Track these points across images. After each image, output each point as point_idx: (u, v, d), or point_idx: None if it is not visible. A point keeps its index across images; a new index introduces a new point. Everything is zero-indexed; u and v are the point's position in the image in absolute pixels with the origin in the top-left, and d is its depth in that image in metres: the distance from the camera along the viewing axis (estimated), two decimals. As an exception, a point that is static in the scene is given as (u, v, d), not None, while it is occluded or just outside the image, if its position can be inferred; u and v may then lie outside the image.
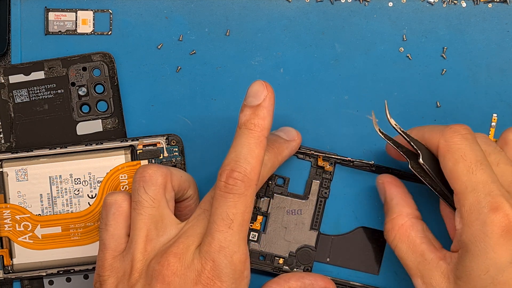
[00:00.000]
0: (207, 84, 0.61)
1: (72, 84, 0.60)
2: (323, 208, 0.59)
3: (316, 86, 0.60)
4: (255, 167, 0.50)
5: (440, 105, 0.60)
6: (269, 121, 0.52)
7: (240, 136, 0.51)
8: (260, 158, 0.51)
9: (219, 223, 0.50)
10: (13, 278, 0.60)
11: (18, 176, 0.59)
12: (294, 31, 0.61)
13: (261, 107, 0.52)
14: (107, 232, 0.53)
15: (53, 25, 0.61)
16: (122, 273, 0.52)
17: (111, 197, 0.54)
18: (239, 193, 0.50)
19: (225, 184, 0.50)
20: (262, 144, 0.51)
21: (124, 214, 0.53)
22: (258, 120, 0.51)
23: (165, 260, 0.50)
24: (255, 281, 0.59)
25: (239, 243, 0.50)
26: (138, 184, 0.53)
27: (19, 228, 0.59)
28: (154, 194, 0.52)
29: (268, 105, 0.52)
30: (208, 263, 0.50)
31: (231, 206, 0.50)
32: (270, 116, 0.52)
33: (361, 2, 0.60)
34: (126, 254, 0.52)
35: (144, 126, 0.61)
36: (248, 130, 0.51)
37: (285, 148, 0.57)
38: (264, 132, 0.51)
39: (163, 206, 0.53)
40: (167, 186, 0.53)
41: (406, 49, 0.60)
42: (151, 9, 0.61)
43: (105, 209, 0.53)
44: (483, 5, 0.60)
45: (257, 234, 0.59)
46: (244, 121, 0.52)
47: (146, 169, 0.53)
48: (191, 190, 0.56)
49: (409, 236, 0.54)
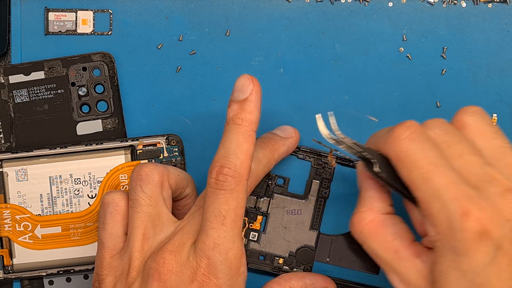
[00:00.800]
0: (207, 84, 0.61)
1: (72, 84, 0.60)
2: (323, 208, 0.59)
3: (316, 86, 0.60)
4: (245, 162, 0.50)
5: (440, 105, 0.60)
6: (256, 115, 0.51)
7: (228, 131, 0.51)
8: (249, 153, 0.51)
9: (212, 220, 0.50)
10: (13, 278, 0.60)
11: (18, 176, 0.59)
12: (294, 31, 0.61)
13: (248, 101, 0.51)
14: (105, 231, 0.53)
15: (53, 25, 0.61)
16: (120, 272, 0.52)
17: (109, 196, 0.54)
18: (230, 189, 0.50)
19: (215, 181, 0.50)
20: (251, 139, 0.51)
21: (122, 213, 0.53)
22: (245, 115, 0.51)
23: (161, 257, 0.50)
24: (255, 281, 0.59)
25: (233, 239, 0.50)
26: (135, 183, 0.53)
27: (19, 228, 0.59)
28: (151, 193, 0.52)
29: (254, 98, 0.51)
30: (203, 261, 0.50)
31: (222, 202, 0.50)
32: (257, 109, 0.52)
33: (361, 2, 0.60)
34: (124, 253, 0.52)
35: (144, 126, 0.61)
36: (236, 125, 0.51)
37: (281, 145, 0.57)
38: (252, 126, 0.51)
39: (160, 204, 0.53)
40: (164, 184, 0.53)
41: (406, 49, 0.60)
42: (151, 9, 0.61)
43: (103, 208, 0.54)
44: (483, 5, 0.60)
45: (257, 234, 0.59)
46: (231, 116, 0.51)
47: (142, 168, 0.53)
48: (189, 189, 0.56)
49: (379, 233, 0.51)
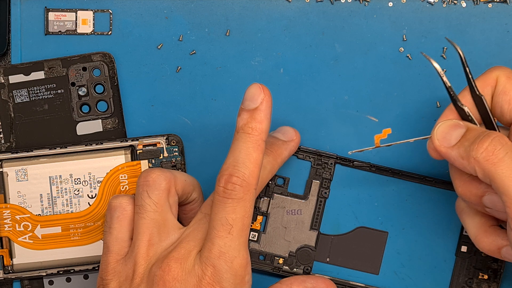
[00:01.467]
0: (207, 84, 0.61)
1: (72, 84, 0.60)
2: (323, 208, 0.59)
3: (316, 86, 0.60)
4: (254, 171, 0.50)
5: (440, 105, 0.60)
6: (266, 124, 0.51)
7: (238, 140, 0.51)
8: (258, 162, 0.51)
9: (218, 229, 0.50)
10: (13, 278, 0.60)
11: (18, 176, 0.59)
12: (294, 31, 0.61)
13: (258, 111, 0.51)
14: (111, 235, 0.53)
15: (53, 25, 0.61)
16: (124, 277, 0.52)
17: (116, 200, 0.53)
18: (238, 198, 0.50)
19: (223, 189, 0.50)
20: (261, 148, 0.51)
21: (128, 218, 0.53)
22: (255, 124, 0.51)
23: (166, 265, 0.50)
24: (255, 281, 0.59)
25: (239, 248, 0.50)
26: (141, 188, 0.53)
27: (19, 228, 0.59)
28: (157, 199, 0.52)
29: (265, 108, 0.51)
30: (208, 269, 0.50)
31: (230, 211, 0.50)
32: (267, 119, 0.52)
33: (361, 2, 0.60)
34: (129, 258, 0.52)
35: (144, 126, 0.61)
36: (246, 134, 0.51)
37: (284, 150, 0.57)
38: (262, 135, 0.51)
39: (166, 210, 0.53)
40: (171, 190, 0.53)
41: (406, 49, 0.60)
42: (151, 9, 0.61)
43: (109, 212, 0.53)
44: (483, 5, 0.60)
45: (257, 234, 0.59)
46: (241, 125, 0.51)
47: (149, 173, 0.53)
48: (196, 193, 0.56)
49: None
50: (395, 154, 0.60)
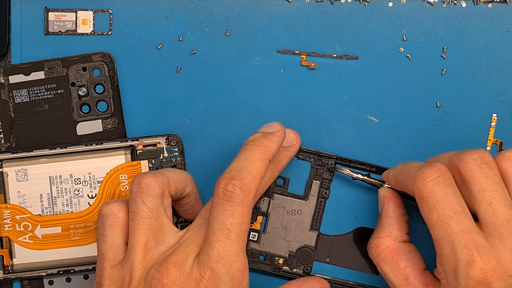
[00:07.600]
0: (207, 84, 0.61)
1: (72, 84, 0.60)
2: (323, 208, 0.59)
3: (316, 86, 0.60)
4: (255, 178, 0.51)
5: (440, 105, 0.60)
6: (276, 147, 0.53)
7: (245, 150, 0.52)
8: (261, 172, 0.51)
9: (217, 233, 0.50)
10: (13, 278, 0.60)
11: (18, 176, 0.59)
12: (294, 31, 0.61)
13: (273, 134, 0.54)
14: (105, 243, 0.52)
15: (53, 25, 0.61)
16: (121, 282, 0.52)
17: (106, 207, 0.53)
18: (237, 201, 0.50)
19: (223, 191, 0.50)
20: (266, 162, 0.52)
21: (121, 224, 0.53)
22: (266, 141, 0.53)
23: (165, 268, 0.50)
24: (255, 281, 0.59)
25: (237, 253, 0.50)
26: (135, 195, 0.52)
27: (19, 228, 0.59)
28: (152, 205, 0.52)
29: (279, 135, 0.54)
30: (206, 272, 0.49)
31: (228, 215, 0.50)
32: (278, 144, 0.54)
33: (361, 2, 0.60)
34: (125, 263, 0.52)
35: (144, 126, 0.61)
36: (255, 146, 0.52)
37: (284, 157, 0.57)
38: (269, 153, 0.52)
39: (161, 215, 0.52)
40: (165, 194, 0.53)
41: (406, 49, 0.60)
42: (151, 9, 0.61)
43: (101, 220, 0.53)
44: (483, 5, 0.60)
45: (257, 234, 0.59)
46: (252, 139, 0.53)
47: (142, 179, 0.52)
48: (189, 188, 0.56)
49: (393, 259, 0.55)
50: (395, 155, 0.60)
